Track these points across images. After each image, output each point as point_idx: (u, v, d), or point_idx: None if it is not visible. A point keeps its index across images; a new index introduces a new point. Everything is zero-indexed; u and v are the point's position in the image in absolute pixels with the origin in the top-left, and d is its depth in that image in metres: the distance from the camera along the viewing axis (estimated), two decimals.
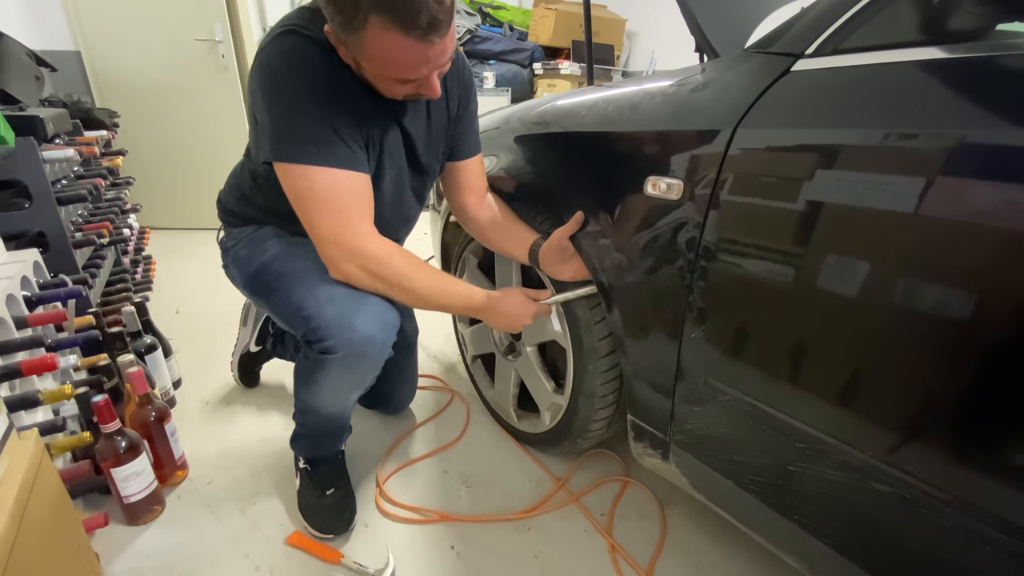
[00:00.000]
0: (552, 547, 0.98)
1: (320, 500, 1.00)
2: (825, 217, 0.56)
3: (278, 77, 0.75)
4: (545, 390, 1.11)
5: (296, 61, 0.74)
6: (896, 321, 0.52)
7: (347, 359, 0.85)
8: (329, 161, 0.76)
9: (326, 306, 0.84)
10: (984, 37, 0.59)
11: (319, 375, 0.89)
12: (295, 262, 0.91)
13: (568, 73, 3.84)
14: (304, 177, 0.77)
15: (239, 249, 0.98)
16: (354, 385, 0.92)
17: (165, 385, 1.33)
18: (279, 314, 0.94)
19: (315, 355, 0.86)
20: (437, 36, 0.69)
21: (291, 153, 0.76)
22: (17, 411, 0.84)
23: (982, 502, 0.48)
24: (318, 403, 0.94)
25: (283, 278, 0.90)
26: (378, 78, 0.76)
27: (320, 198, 0.78)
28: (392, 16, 0.65)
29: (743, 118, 0.64)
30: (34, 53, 1.63)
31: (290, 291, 0.88)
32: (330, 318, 0.83)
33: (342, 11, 0.67)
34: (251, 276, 0.96)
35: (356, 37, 0.69)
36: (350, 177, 0.79)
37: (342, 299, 0.85)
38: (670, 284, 0.75)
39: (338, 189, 0.78)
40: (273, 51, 0.74)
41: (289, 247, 0.94)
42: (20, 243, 1.14)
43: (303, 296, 0.86)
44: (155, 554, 0.95)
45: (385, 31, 0.66)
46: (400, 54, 0.69)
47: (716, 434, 0.75)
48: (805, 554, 0.68)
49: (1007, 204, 0.44)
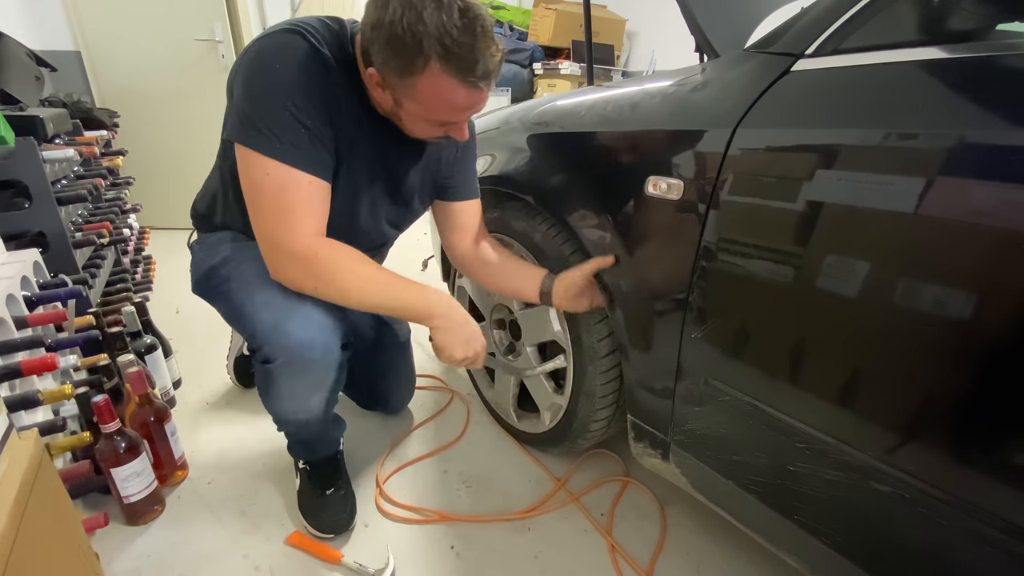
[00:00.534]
0: (552, 547, 0.98)
1: (320, 500, 1.00)
2: (825, 217, 0.56)
3: (270, 65, 0.73)
4: (545, 390, 1.11)
5: (292, 58, 0.73)
6: (896, 321, 0.52)
7: (289, 366, 0.82)
8: (290, 160, 0.74)
9: (261, 312, 0.82)
10: (984, 37, 0.59)
11: (271, 384, 0.86)
12: (242, 265, 0.88)
13: (568, 73, 3.85)
14: (261, 168, 0.75)
15: (198, 252, 0.98)
16: (310, 390, 0.88)
17: (165, 385, 1.33)
18: (228, 320, 0.93)
19: (260, 365, 0.84)
20: (487, 85, 0.72)
21: (256, 140, 0.74)
22: (17, 411, 0.84)
23: (982, 502, 0.48)
24: (283, 411, 0.91)
25: (228, 281, 0.89)
26: (416, 119, 0.77)
27: (270, 193, 0.75)
28: (454, 65, 0.68)
29: (743, 118, 0.64)
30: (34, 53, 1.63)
31: (233, 296, 0.87)
32: (264, 324, 0.81)
33: (402, 55, 0.69)
34: (200, 279, 0.95)
35: (410, 80, 0.71)
36: (308, 181, 0.76)
37: (277, 303, 0.82)
38: (670, 284, 0.75)
39: (291, 190, 0.75)
40: (275, 42, 0.74)
41: (240, 250, 0.91)
42: (20, 243, 1.14)
43: (242, 302, 0.85)
44: (155, 554, 0.95)
45: (443, 77, 0.69)
46: (451, 99, 0.72)
47: (716, 434, 0.75)
48: (805, 554, 0.68)
49: (1007, 204, 0.44)
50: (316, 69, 0.74)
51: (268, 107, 0.73)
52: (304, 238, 0.77)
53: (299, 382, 0.86)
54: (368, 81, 0.76)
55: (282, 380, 0.85)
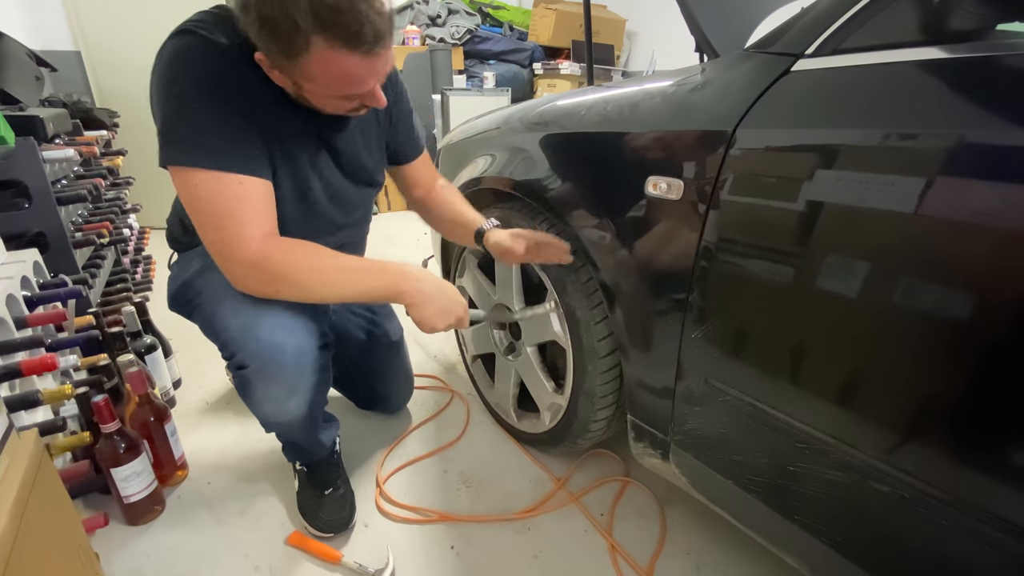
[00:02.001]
0: (552, 547, 0.98)
1: (319, 499, 1.01)
2: (825, 217, 0.56)
3: (171, 74, 0.70)
4: (545, 390, 1.11)
5: (190, 59, 0.70)
6: (896, 321, 0.52)
7: (262, 371, 0.82)
8: (215, 164, 0.71)
9: (231, 319, 0.81)
10: (984, 37, 0.58)
11: (248, 390, 0.86)
12: (213, 277, 0.85)
13: (568, 73, 3.84)
14: (190, 182, 0.71)
15: (175, 270, 0.99)
16: (286, 394, 0.86)
17: (165, 385, 1.33)
18: (203, 331, 0.92)
19: (234, 371, 0.85)
20: (382, 47, 0.67)
21: (177, 156, 0.71)
22: (17, 411, 0.84)
23: (982, 502, 0.48)
24: (265, 415, 0.91)
25: (201, 294, 0.89)
26: (321, 97, 0.73)
27: (205, 204, 0.72)
28: (335, 34, 0.63)
29: (743, 118, 0.64)
30: (34, 53, 1.64)
31: (204, 307, 0.88)
32: (234, 331, 0.81)
33: (280, 37, 0.64)
34: (174, 295, 0.96)
35: (298, 61, 0.66)
36: (239, 182, 0.72)
37: (245, 311, 0.81)
38: (670, 284, 0.75)
39: (224, 196, 0.72)
40: (168, 50, 0.71)
41: (210, 263, 0.86)
42: (20, 243, 1.14)
43: (213, 311, 0.85)
44: (155, 554, 0.95)
45: (330, 50, 0.64)
46: (347, 71, 0.68)
47: (716, 434, 0.75)
48: (805, 554, 0.68)
49: (1007, 204, 0.44)
50: (217, 63, 0.70)
51: (179, 118, 0.70)
52: (251, 243, 0.73)
53: (273, 386, 0.85)
54: (263, 65, 0.71)
55: (257, 385, 0.84)
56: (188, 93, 0.70)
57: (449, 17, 3.86)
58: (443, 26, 3.82)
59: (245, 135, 0.73)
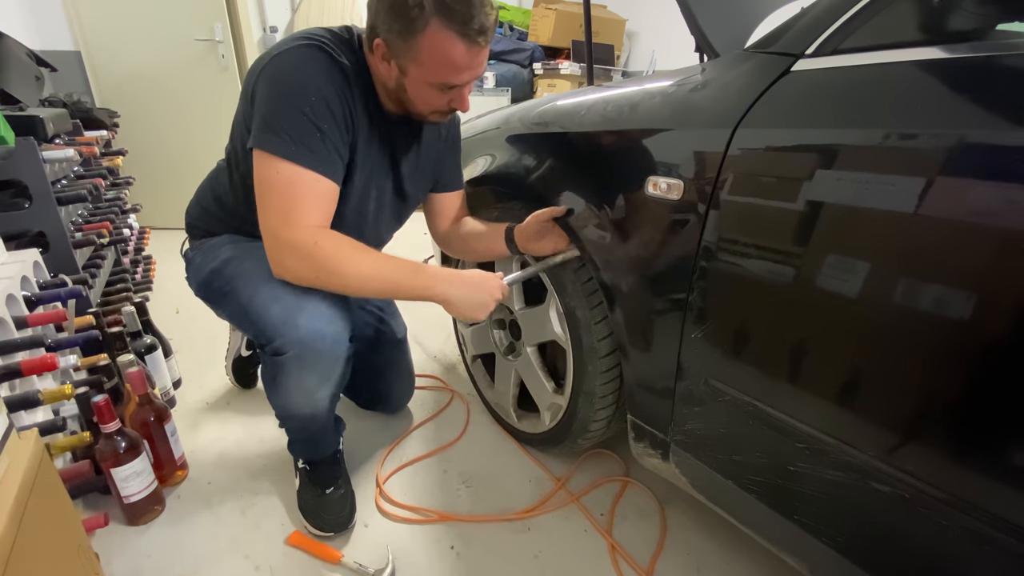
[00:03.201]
0: (552, 547, 0.98)
1: (320, 499, 1.01)
2: (825, 217, 0.56)
3: (291, 76, 0.78)
4: (545, 390, 1.11)
5: (311, 67, 0.78)
6: (896, 321, 0.52)
7: (300, 358, 0.85)
8: (301, 160, 0.78)
9: (271, 306, 0.84)
10: (984, 37, 0.58)
11: (280, 378, 0.88)
12: (244, 264, 0.91)
13: (568, 73, 3.84)
14: (272, 168, 0.78)
15: (197, 258, 1.00)
16: (318, 383, 0.90)
17: (165, 385, 1.33)
18: (233, 319, 0.94)
19: (269, 358, 0.87)
20: (485, 42, 0.77)
21: (271, 143, 0.77)
22: (17, 411, 0.84)
23: (982, 502, 0.48)
24: (289, 405, 0.93)
25: (232, 281, 0.91)
26: (419, 86, 0.81)
27: (278, 189, 0.78)
28: (451, 18, 0.73)
29: (743, 118, 0.64)
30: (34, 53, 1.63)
31: (239, 294, 0.89)
32: (275, 318, 0.84)
33: (403, 16, 0.74)
34: (203, 282, 0.97)
35: (412, 42, 0.75)
36: (315, 179, 0.79)
37: (286, 298, 0.84)
38: (670, 284, 0.75)
39: (298, 187, 0.78)
40: (294, 55, 0.79)
41: (241, 251, 0.94)
42: (20, 243, 1.14)
43: (250, 298, 0.87)
44: (155, 554, 0.95)
45: (443, 31, 0.74)
46: (453, 56, 0.76)
47: (716, 434, 0.75)
48: (805, 554, 0.68)
49: (1007, 204, 0.44)
50: (334, 76, 0.79)
51: (285, 112, 0.77)
52: (305, 228, 0.79)
53: (308, 374, 0.88)
54: (375, 60, 0.82)
55: (292, 372, 0.87)
56: (301, 92, 0.77)
57: None
58: None
59: (336, 144, 0.81)
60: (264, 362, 0.91)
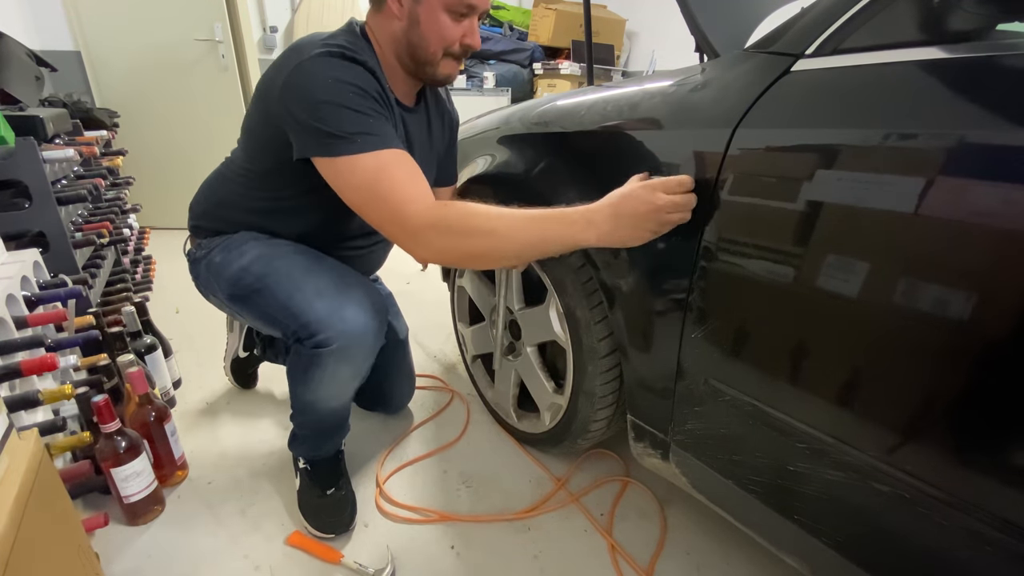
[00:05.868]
0: (552, 547, 0.98)
1: (321, 500, 1.01)
2: (825, 217, 0.56)
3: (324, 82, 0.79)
4: (545, 390, 1.11)
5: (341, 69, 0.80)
6: (896, 321, 0.52)
7: (343, 350, 0.87)
8: (371, 146, 0.78)
9: (314, 300, 0.86)
10: (984, 37, 0.58)
11: (315, 371, 0.89)
12: (274, 262, 0.92)
13: (568, 73, 3.85)
14: (358, 168, 0.78)
15: (213, 256, 0.99)
16: (351, 376, 0.93)
17: (165, 385, 1.33)
18: (263, 315, 0.94)
19: (308, 351, 0.87)
20: None
21: (336, 147, 0.78)
22: (17, 411, 0.84)
23: (982, 502, 0.48)
24: (317, 399, 0.94)
25: (265, 278, 0.91)
26: (437, 12, 0.83)
27: (369, 185, 0.78)
28: None
29: (743, 118, 0.64)
30: (34, 53, 1.63)
31: (275, 290, 0.89)
32: (320, 311, 0.85)
33: None
34: (230, 281, 0.96)
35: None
36: (396, 155, 0.80)
37: (330, 292, 0.87)
38: (670, 284, 0.75)
39: (386, 170, 0.78)
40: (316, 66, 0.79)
41: (268, 248, 0.95)
42: (20, 243, 1.14)
43: (289, 294, 0.88)
44: (155, 554, 0.95)
45: None
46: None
47: (716, 434, 0.75)
48: (805, 554, 0.68)
49: (1007, 204, 0.44)
50: (357, 71, 0.81)
51: (332, 115, 0.78)
52: (423, 203, 0.78)
53: (346, 367, 0.90)
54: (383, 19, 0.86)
55: (329, 364, 0.88)
56: (341, 92, 0.78)
57: None
58: None
59: (390, 122, 0.83)
60: (299, 354, 0.91)
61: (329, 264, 0.96)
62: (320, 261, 0.96)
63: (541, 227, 0.76)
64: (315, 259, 0.96)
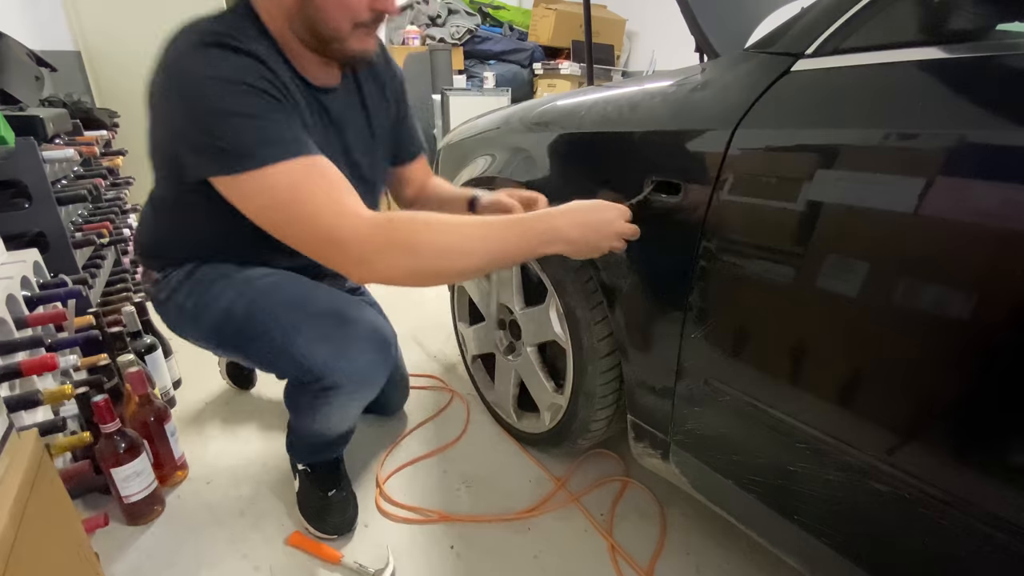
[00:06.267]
0: (552, 547, 0.98)
1: (322, 501, 1.00)
2: (825, 218, 0.56)
3: (203, 89, 0.65)
4: (545, 390, 1.11)
5: (216, 64, 0.66)
6: (896, 321, 0.52)
7: (355, 392, 0.85)
8: (280, 155, 0.65)
9: (317, 345, 0.79)
10: (984, 37, 0.58)
11: (323, 407, 0.87)
12: (258, 302, 0.82)
13: (568, 73, 3.84)
14: (267, 183, 0.65)
15: (181, 299, 0.86)
16: (360, 405, 0.92)
17: (165, 385, 1.33)
18: (261, 362, 0.86)
19: (314, 390, 0.84)
20: None
21: (236, 163, 0.65)
22: (17, 411, 0.84)
23: (982, 502, 0.48)
24: (324, 429, 0.93)
25: (254, 323, 0.81)
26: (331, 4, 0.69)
27: (286, 202, 0.65)
28: None
29: (743, 118, 0.64)
30: (34, 53, 1.63)
31: (270, 336, 0.80)
32: (326, 356, 0.79)
33: None
34: (212, 329, 0.85)
35: None
36: (312, 163, 0.67)
37: (330, 330, 0.79)
38: (670, 284, 0.75)
39: (306, 182, 0.65)
40: (191, 65, 0.66)
41: (242, 285, 0.83)
42: (20, 243, 1.14)
43: (287, 338, 0.79)
44: (155, 554, 0.95)
45: None
46: None
47: (716, 434, 0.75)
48: (805, 554, 0.68)
49: (1007, 204, 0.44)
50: (243, 62, 0.67)
51: (221, 124, 0.64)
52: (353, 217, 0.65)
53: (356, 402, 0.88)
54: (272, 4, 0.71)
55: (338, 402, 0.85)
56: (232, 103, 0.65)
57: (449, 17, 3.86)
58: (443, 26, 3.82)
59: (290, 119, 0.69)
60: (302, 393, 0.86)
61: (315, 291, 0.85)
62: (305, 289, 0.84)
63: (502, 238, 0.68)
64: (298, 287, 0.84)
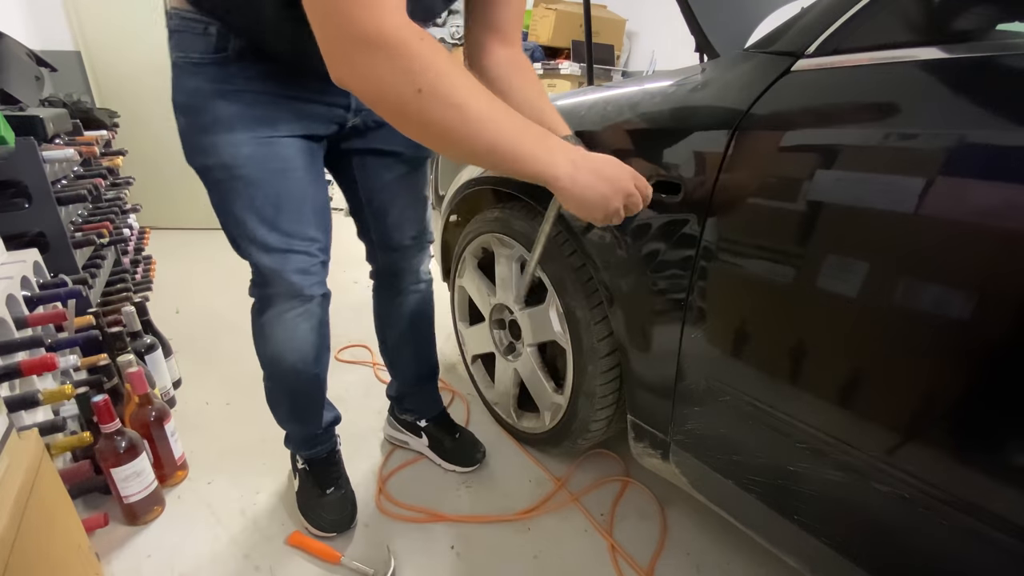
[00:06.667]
0: (552, 547, 0.98)
1: (320, 499, 1.01)
2: (825, 217, 0.56)
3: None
4: (545, 390, 1.11)
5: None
6: (895, 321, 0.52)
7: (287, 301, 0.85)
8: None
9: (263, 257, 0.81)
10: (984, 37, 0.59)
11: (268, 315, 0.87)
12: (230, 195, 0.80)
13: (568, 73, 3.84)
14: None
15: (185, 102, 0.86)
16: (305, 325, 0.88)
17: (165, 385, 1.33)
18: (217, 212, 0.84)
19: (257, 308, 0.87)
20: None
21: None
22: (17, 411, 0.84)
23: (982, 502, 0.48)
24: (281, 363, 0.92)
25: (223, 205, 0.81)
26: None
27: None
28: None
29: (743, 118, 0.64)
30: (34, 53, 1.63)
31: (228, 229, 0.82)
32: (265, 265, 0.81)
33: None
34: (191, 153, 0.87)
35: None
36: None
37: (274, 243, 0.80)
38: (670, 284, 0.75)
39: None
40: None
41: (241, 147, 0.80)
42: (20, 243, 1.14)
43: (242, 249, 0.82)
44: (155, 554, 0.95)
45: None
46: None
47: (716, 434, 0.75)
48: (805, 554, 0.68)
49: (1007, 204, 0.44)
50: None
51: None
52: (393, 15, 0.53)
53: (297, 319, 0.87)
54: None
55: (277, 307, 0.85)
56: None
57: (449, 17, 3.86)
58: (443, 26, 3.82)
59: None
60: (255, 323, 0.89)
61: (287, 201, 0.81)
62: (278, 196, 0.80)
63: (518, 136, 0.61)
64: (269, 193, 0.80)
